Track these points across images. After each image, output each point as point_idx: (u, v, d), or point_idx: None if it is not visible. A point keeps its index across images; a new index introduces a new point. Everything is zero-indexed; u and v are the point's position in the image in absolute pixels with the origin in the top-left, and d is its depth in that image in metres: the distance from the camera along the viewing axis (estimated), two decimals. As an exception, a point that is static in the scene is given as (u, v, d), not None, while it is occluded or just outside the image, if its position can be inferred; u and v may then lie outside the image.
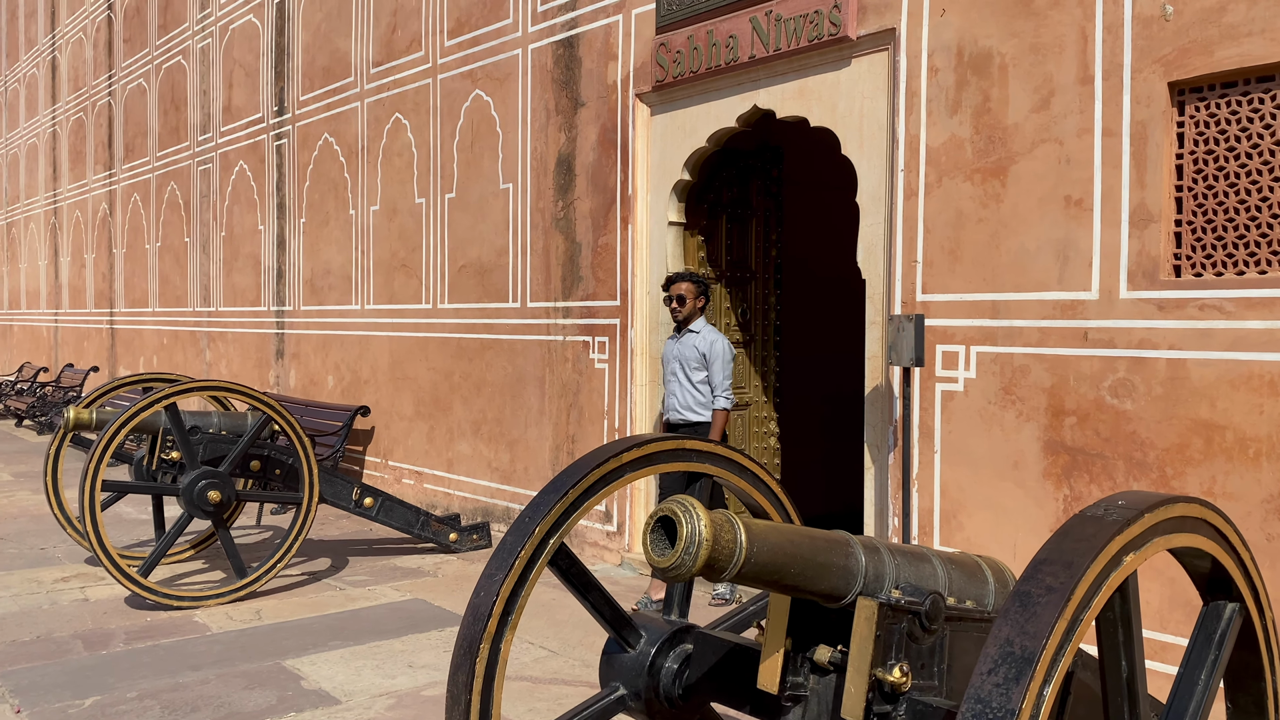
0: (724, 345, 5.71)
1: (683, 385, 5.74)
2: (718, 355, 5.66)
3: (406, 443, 9.08)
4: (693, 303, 5.76)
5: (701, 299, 5.80)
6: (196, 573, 6.73)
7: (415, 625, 5.53)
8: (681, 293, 5.74)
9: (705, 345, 5.69)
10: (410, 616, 5.70)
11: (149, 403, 5.76)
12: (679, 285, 5.76)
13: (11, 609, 5.80)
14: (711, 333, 5.75)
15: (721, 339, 5.73)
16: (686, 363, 5.71)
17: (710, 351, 5.67)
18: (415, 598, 6.11)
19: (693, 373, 5.71)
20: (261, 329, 11.46)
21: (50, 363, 18.29)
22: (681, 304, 5.74)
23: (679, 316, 5.76)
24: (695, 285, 5.77)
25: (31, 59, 19.41)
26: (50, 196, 18.47)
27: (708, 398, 5.72)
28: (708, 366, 5.67)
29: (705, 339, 5.71)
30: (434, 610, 5.84)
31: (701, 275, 5.88)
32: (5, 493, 9.70)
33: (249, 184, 11.62)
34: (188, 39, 13.09)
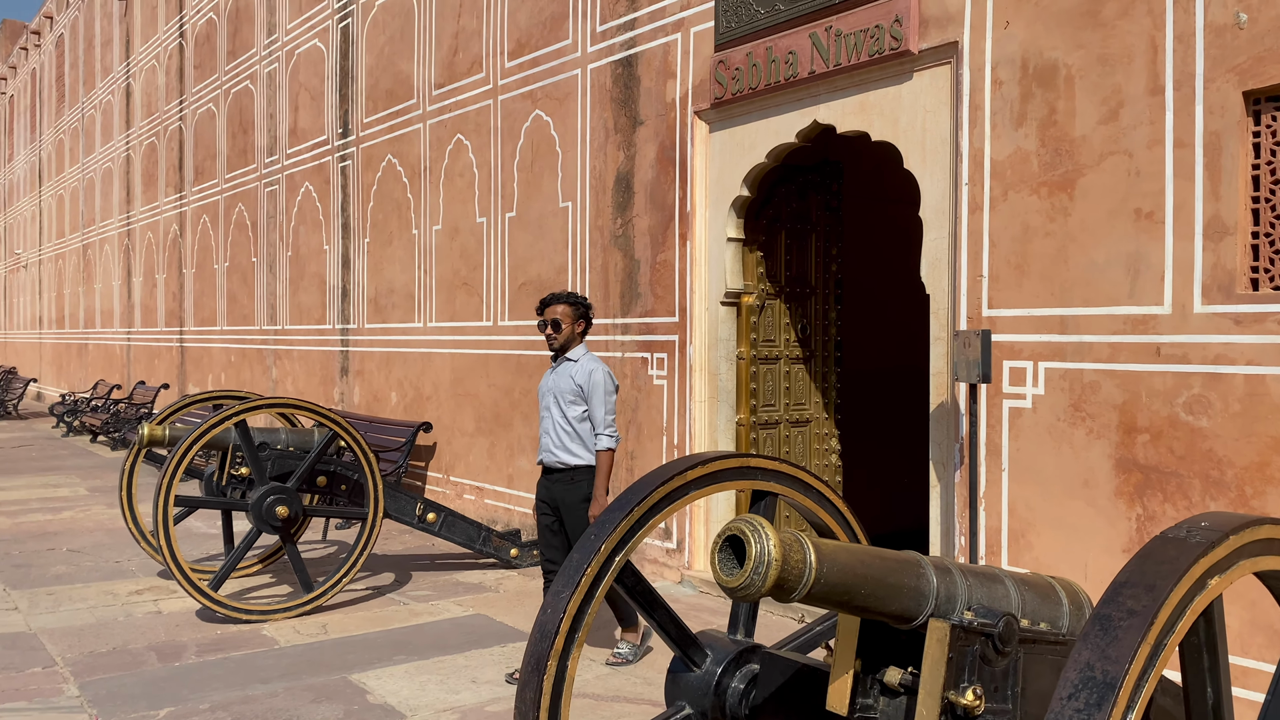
0: (604, 375, 4.95)
1: (556, 423, 4.99)
2: (597, 386, 4.90)
3: (468, 458, 9.17)
4: (570, 327, 4.99)
5: (581, 323, 5.02)
6: (264, 587, 6.85)
7: (478, 640, 5.57)
8: (556, 316, 4.97)
9: (583, 376, 4.92)
10: (473, 632, 5.74)
11: (219, 420, 5.90)
12: (553, 308, 4.98)
13: (89, 621, 5.96)
14: (591, 361, 5.00)
15: (602, 368, 4.97)
16: (561, 396, 4.97)
17: (589, 383, 4.91)
18: (477, 613, 6.16)
19: (568, 407, 4.94)
20: (326, 346, 11.68)
21: (123, 380, 18.82)
22: (556, 329, 4.97)
23: (554, 344, 5.01)
24: (572, 307, 4.99)
25: (108, 86, 20.08)
26: (124, 219, 19.06)
27: (586, 437, 4.96)
28: (586, 400, 4.92)
29: (583, 369, 4.95)
30: (496, 626, 5.88)
31: (580, 296, 5.09)
32: (81, 507, 9.99)
33: (314, 205, 11.87)
34: (255, 64, 13.44)
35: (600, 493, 4.89)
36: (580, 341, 5.06)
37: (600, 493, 4.89)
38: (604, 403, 4.92)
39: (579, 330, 5.03)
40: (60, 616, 6.05)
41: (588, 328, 5.10)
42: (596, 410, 4.91)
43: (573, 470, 4.96)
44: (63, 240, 23.58)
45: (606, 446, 4.93)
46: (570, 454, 4.96)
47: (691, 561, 6.80)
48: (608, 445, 4.93)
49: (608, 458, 4.94)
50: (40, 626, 5.82)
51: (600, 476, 4.92)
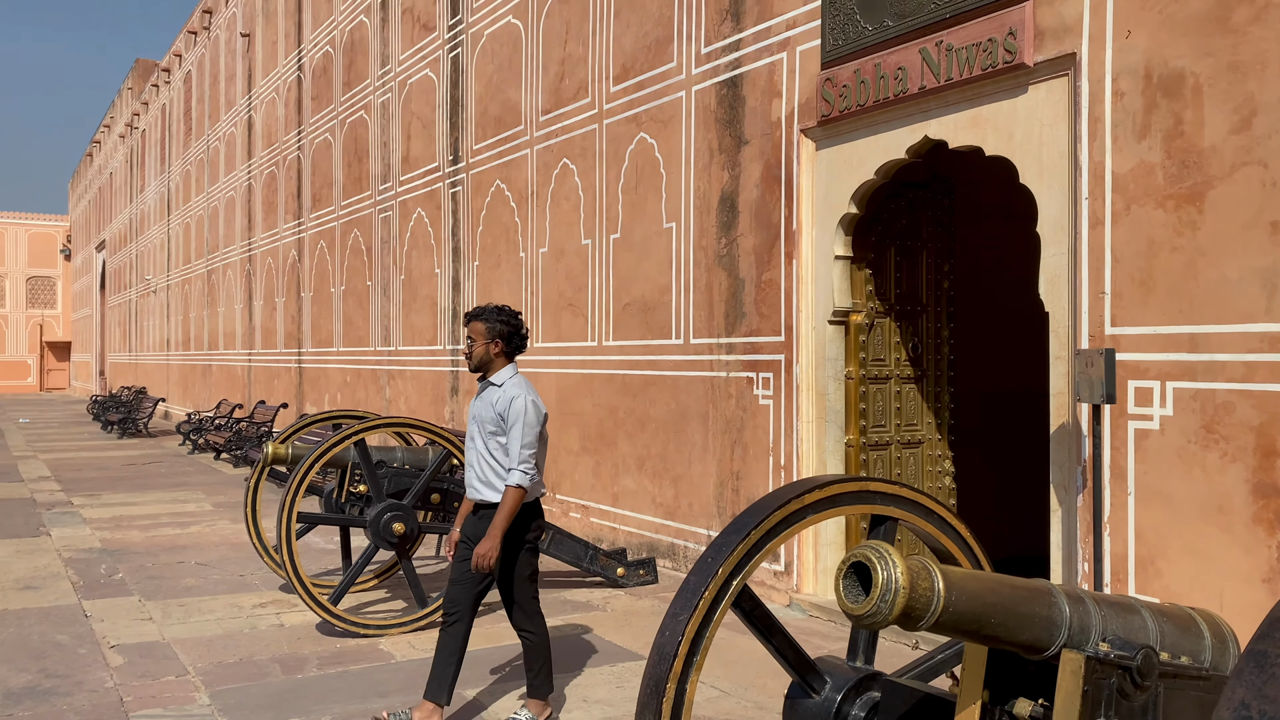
0: (526, 403, 4.37)
1: (479, 454, 4.50)
2: (518, 415, 4.35)
3: (573, 477, 9.27)
4: (485, 347, 4.47)
5: (498, 342, 4.47)
6: (380, 601, 7.04)
7: (587, 659, 5.61)
8: (471, 335, 4.52)
9: (504, 403, 4.38)
10: (582, 651, 5.78)
11: (340, 439, 6.10)
12: (471, 325, 4.53)
13: (217, 632, 6.21)
14: (515, 387, 4.43)
15: (525, 395, 4.40)
16: (483, 425, 4.47)
17: (509, 411, 4.36)
18: (586, 632, 6.20)
19: (488, 438, 4.44)
20: (437, 366, 11.97)
21: (244, 400, 19.64)
22: (470, 348, 4.53)
23: (470, 364, 4.58)
24: (488, 325, 4.46)
25: (231, 119, 21.09)
26: (245, 245, 19.93)
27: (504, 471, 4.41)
28: (505, 430, 4.40)
29: (505, 395, 4.40)
30: (605, 645, 5.91)
31: (507, 313, 4.53)
32: (207, 522, 10.44)
33: (426, 230, 12.22)
34: (369, 94, 13.93)
35: (496, 531, 4.27)
36: (505, 363, 4.52)
37: (496, 531, 4.27)
38: (523, 434, 4.33)
39: (497, 351, 4.47)
40: (190, 627, 6.32)
41: (510, 349, 4.51)
42: (513, 441, 4.34)
43: (493, 507, 4.41)
44: (189, 266, 24.79)
45: (516, 482, 4.30)
46: (493, 489, 4.42)
47: (800, 585, 6.73)
48: (518, 481, 4.30)
49: (515, 495, 4.31)
50: (173, 636, 6.09)
51: (501, 514, 4.29)
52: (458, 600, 4.44)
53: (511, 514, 4.32)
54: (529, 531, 4.50)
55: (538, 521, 4.58)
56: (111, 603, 6.92)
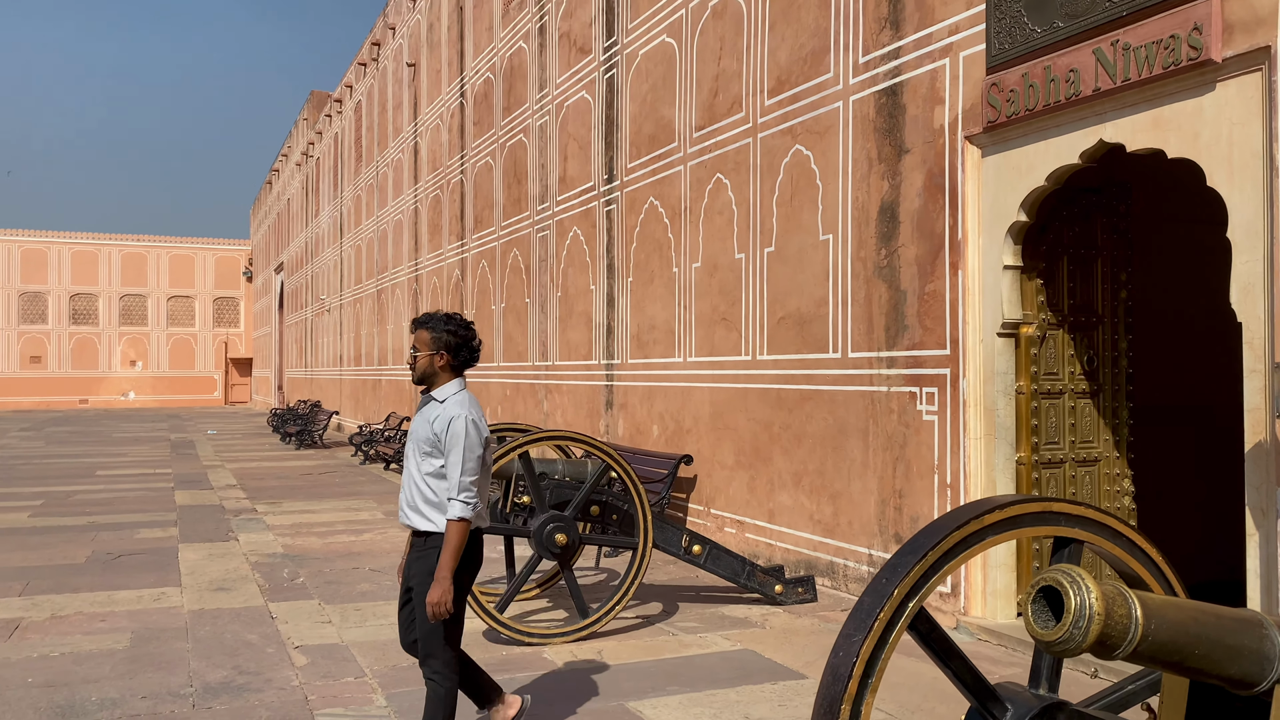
0: (466, 424, 3.93)
1: (410, 477, 4.09)
2: (456, 437, 3.92)
3: (728, 492, 9.25)
4: (428, 359, 4.07)
5: (444, 354, 4.07)
6: (542, 611, 7.20)
7: (748, 676, 5.57)
8: (416, 344, 4.10)
9: (443, 423, 3.97)
10: (742, 667, 5.76)
11: (506, 451, 6.30)
12: (417, 333, 4.11)
13: (391, 636, 6.48)
14: (456, 405, 4.01)
15: (466, 414, 3.96)
16: (418, 445, 4.05)
17: (447, 433, 3.94)
18: (746, 648, 6.17)
19: (423, 459, 4.03)
20: (592, 381, 12.19)
21: (411, 413, 20.50)
22: (414, 358, 4.12)
23: (412, 376, 4.16)
24: (434, 334, 4.07)
25: (399, 145, 22.14)
26: (412, 265, 20.85)
27: (439, 497, 4.00)
28: (444, 452, 3.98)
29: (445, 414, 3.99)
30: (765, 662, 5.86)
31: (457, 321, 4.13)
32: (379, 530, 10.94)
33: (581, 247, 12.48)
34: (528, 118, 14.37)
35: (444, 573, 3.85)
36: (450, 377, 4.10)
37: (444, 573, 3.85)
38: (463, 458, 3.90)
39: (443, 363, 4.07)
40: (366, 631, 6.63)
41: (459, 361, 4.12)
42: (452, 468, 3.92)
43: (425, 537, 4.02)
44: (360, 286, 26.11)
45: (457, 515, 3.88)
46: (421, 516, 4.02)
47: (968, 607, 6.49)
48: (459, 514, 3.88)
49: (457, 530, 3.88)
50: (351, 639, 6.41)
51: (446, 553, 3.86)
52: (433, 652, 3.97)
53: (458, 551, 3.87)
54: (465, 568, 4.00)
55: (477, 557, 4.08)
56: (294, 605, 7.34)
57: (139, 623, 6.81)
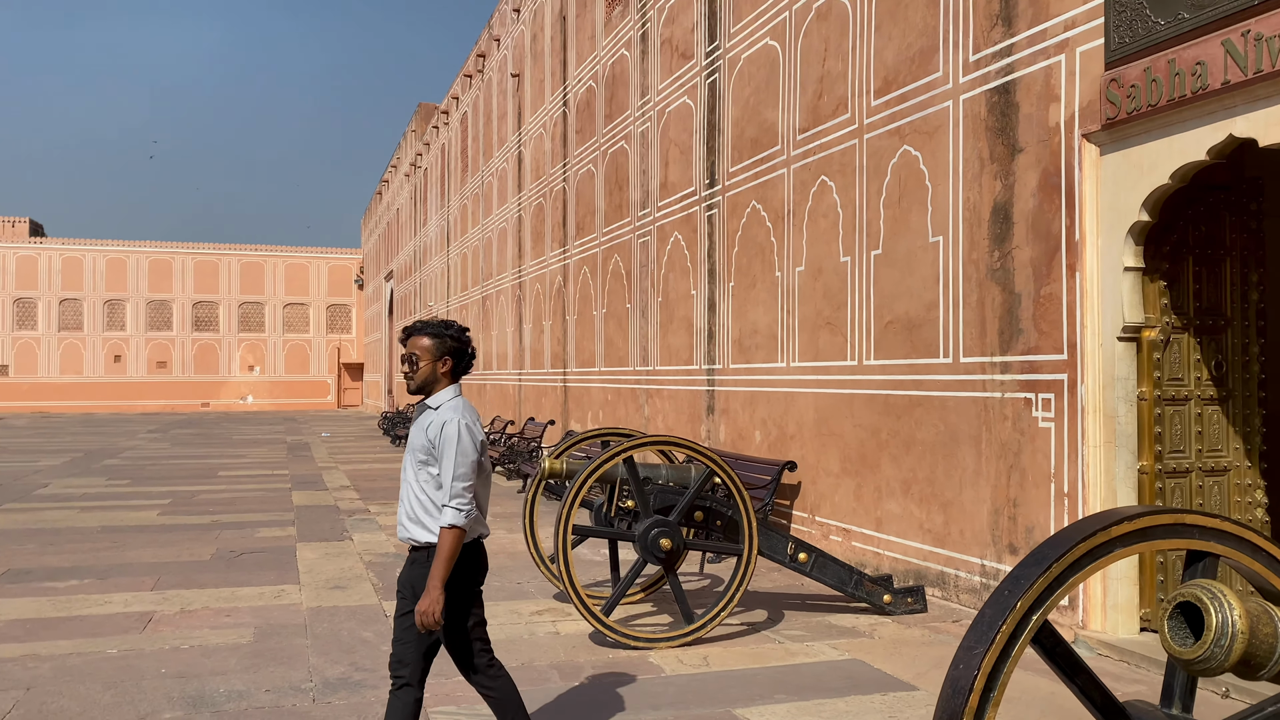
0: (460, 428, 3.82)
1: (409, 487, 3.97)
2: (449, 442, 3.80)
3: (833, 499, 9.13)
4: (431, 366, 3.95)
5: (447, 360, 3.96)
6: (647, 615, 7.23)
7: (857, 686, 5.49)
8: (414, 351, 3.96)
9: (436, 429, 3.85)
10: (851, 677, 5.67)
11: (611, 455, 6.35)
12: (414, 340, 3.99)
13: (499, 636, 6.60)
14: (450, 410, 3.89)
15: (459, 419, 3.84)
16: (414, 454, 3.94)
17: (440, 438, 3.82)
18: (853, 658, 6.08)
19: (418, 468, 3.90)
20: (693, 386, 12.20)
21: (515, 416, 20.85)
22: (413, 366, 3.96)
23: (410, 384, 3.99)
24: (435, 340, 3.96)
25: (503, 155, 22.56)
26: (515, 272, 21.21)
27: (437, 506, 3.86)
28: (436, 460, 3.85)
29: (438, 419, 3.87)
30: (874, 673, 5.76)
31: (455, 327, 4.05)
32: (486, 531, 11.15)
33: (682, 252, 12.51)
34: (629, 125, 14.48)
35: (435, 583, 3.70)
36: (448, 383, 3.98)
37: (435, 583, 3.70)
38: (455, 464, 3.78)
39: (445, 370, 3.96)
40: (476, 630, 6.76)
41: (459, 366, 4.01)
42: (445, 473, 3.80)
43: (426, 549, 3.87)
44: (465, 293, 26.68)
45: (449, 522, 3.73)
46: (421, 528, 3.89)
47: (1086, 621, 6.27)
48: (450, 520, 3.73)
49: (450, 538, 3.72)
50: (461, 638, 6.54)
51: (438, 562, 3.70)
52: (404, 660, 3.86)
53: (450, 560, 3.72)
54: (471, 577, 3.91)
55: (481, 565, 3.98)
56: (407, 604, 7.53)
57: (261, 619, 7.08)
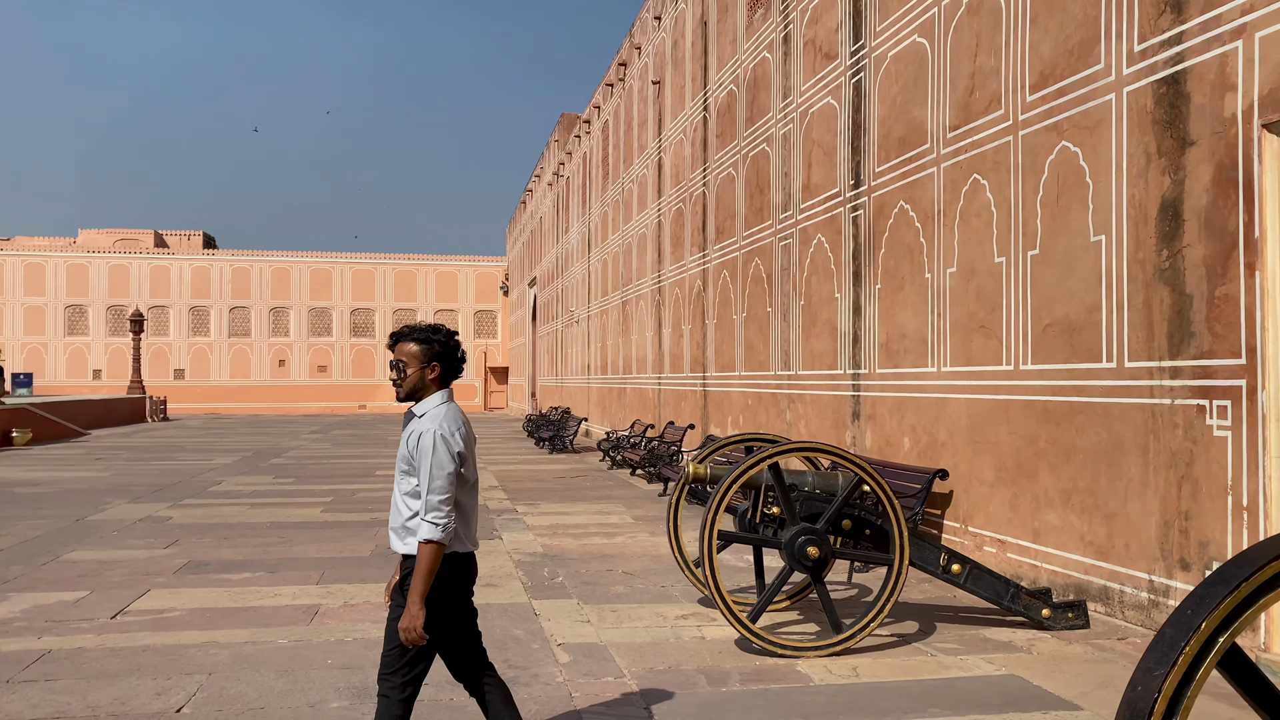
0: (435, 438, 3.71)
1: (396, 495, 3.90)
2: (425, 453, 3.71)
3: (987, 509, 8.82)
4: (420, 372, 3.87)
5: (435, 366, 3.88)
6: (793, 623, 7.16)
7: (1015, 703, 5.29)
8: (401, 358, 3.88)
9: (415, 438, 3.77)
10: (1009, 694, 5.47)
11: (756, 461, 6.32)
12: (400, 346, 3.90)
13: (646, 639, 6.67)
14: (431, 420, 3.79)
15: (436, 429, 3.73)
16: (399, 464, 3.87)
17: (418, 448, 3.74)
18: (1011, 674, 5.86)
19: (402, 479, 3.84)
20: (837, 391, 12.01)
21: (655, 420, 21.00)
22: (400, 373, 3.89)
23: (400, 393, 3.92)
24: (422, 346, 3.87)
25: (643, 161, 22.79)
26: (655, 277, 21.37)
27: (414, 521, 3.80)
28: (416, 471, 3.77)
29: (418, 429, 3.79)
30: (1033, 690, 5.54)
31: (443, 331, 3.97)
32: (629, 534, 11.27)
33: (826, 255, 12.34)
34: (771, 127, 14.38)
35: (415, 598, 3.63)
36: (437, 389, 3.90)
37: (415, 598, 3.63)
38: (430, 476, 3.68)
39: (434, 376, 3.88)
40: (622, 632, 6.85)
41: (448, 371, 3.92)
42: (421, 486, 3.72)
43: (410, 560, 3.81)
44: (606, 298, 27.06)
45: (425, 536, 3.64)
46: (402, 540, 3.84)
47: (1269, 644, 5.86)
48: (427, 535, 3.63)
49: (428, 553, 3.63)
50: (608, 640, 6.63)
51: (417, 577, 3.62)
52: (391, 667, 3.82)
53: (428, 575, 3.64)
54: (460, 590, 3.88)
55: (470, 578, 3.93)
56: (555, 604, 7.69)
57: (418, 613, 7.35)
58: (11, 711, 5.14)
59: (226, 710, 5.19)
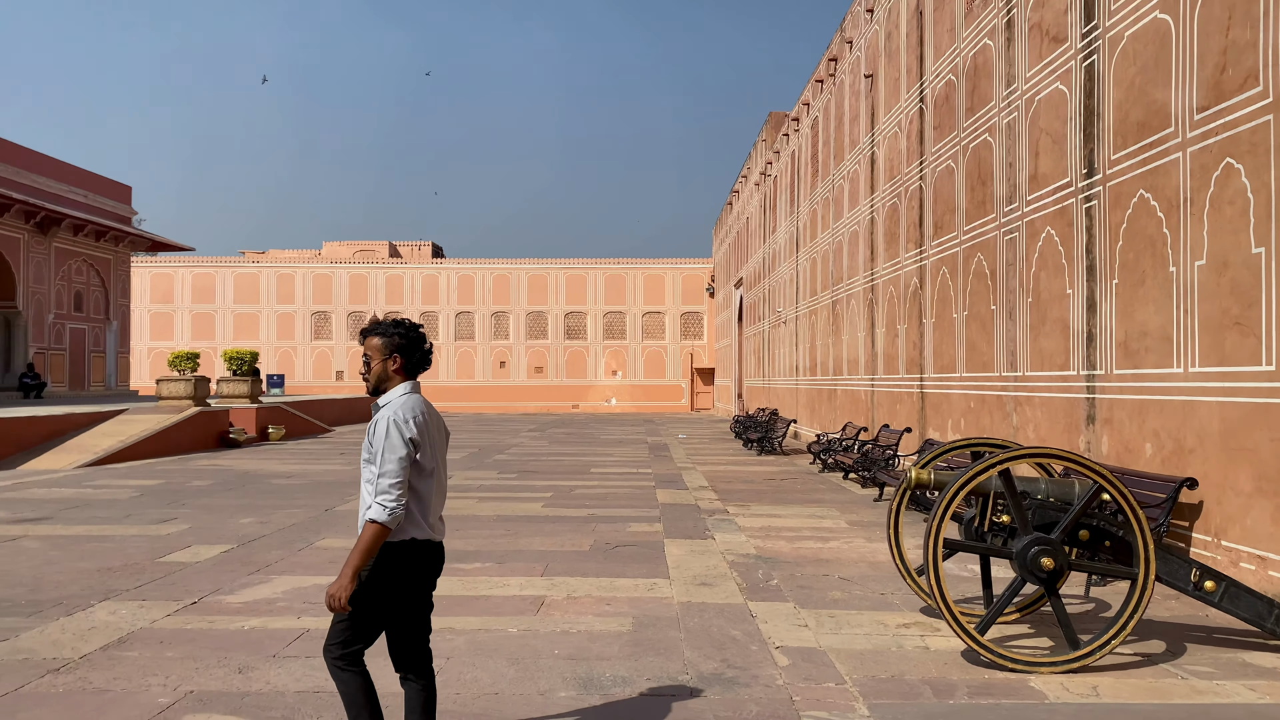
0: (391, 423, 3.91)
1: (361, 483, 4.06)
2: (379, 439, 3.91)
3: (1244, 522, 8.08)
4: (383, 364, 4.10)
5: (396, 358, 4.09)
6: (1023, 636, 6.82)
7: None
8: (367, 352, 4.13)
9: (374, 426, 3.98)
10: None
11: (985, 467, 6.06)
12: (367, 341, 4.14)
13: (866, 646, 6.54)
14: (390, 409, 3.99)
15: (391, 416, 3.94)
16: (363, 451, 4.03)
17: (374, 434, 3.95)
18: (1278, 703, 5.34)
19: (365, 467, 3.99)
20: (1069, 394, 11.33)
21: (868, 423, 20.53)
22: (367, 367, 4.14)
23: (368, 385, 4.15)
24: (384, 339, 4.10)
25: (854, 157, 22.34)
26: (868, 275, 20.89)
27: None
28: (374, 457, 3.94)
29: (377, 417, 4.00)
30: (1306, 724, 5.03)
31: (406, 325, 4.15)
32: (844, 539, 11.08)
33: (1055, 249, 11.67)
34: (993, 116, 13.75)
35: (347, 569, 3.82)
36: (401, 380, 4.12)
37: (347, 569, 3.82)
38: (383, 459, 3.87)
39: (396, 368, 4.10)
40: (841, 638, 6.74)
41: (411, 364, 4.12)
42: (376, 469, 3.90)
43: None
44: (815, 298, 26.71)
45: (372, 517, 3.83)
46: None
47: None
48: (373, 516, 3.83)
49: (370, 532, 3.83)
50: (827, 645, 6.55)
51: (354, 551, 3.83)
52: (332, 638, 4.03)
53: (367, 553, 3.84)
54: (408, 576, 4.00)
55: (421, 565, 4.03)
56: (770, 606, 7.67)
57: (638, 610, 7.53)
58: (278, 684, 5.66)
59: (465, 694, 5.50)
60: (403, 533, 3.95)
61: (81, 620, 7.13)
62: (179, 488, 16.13)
